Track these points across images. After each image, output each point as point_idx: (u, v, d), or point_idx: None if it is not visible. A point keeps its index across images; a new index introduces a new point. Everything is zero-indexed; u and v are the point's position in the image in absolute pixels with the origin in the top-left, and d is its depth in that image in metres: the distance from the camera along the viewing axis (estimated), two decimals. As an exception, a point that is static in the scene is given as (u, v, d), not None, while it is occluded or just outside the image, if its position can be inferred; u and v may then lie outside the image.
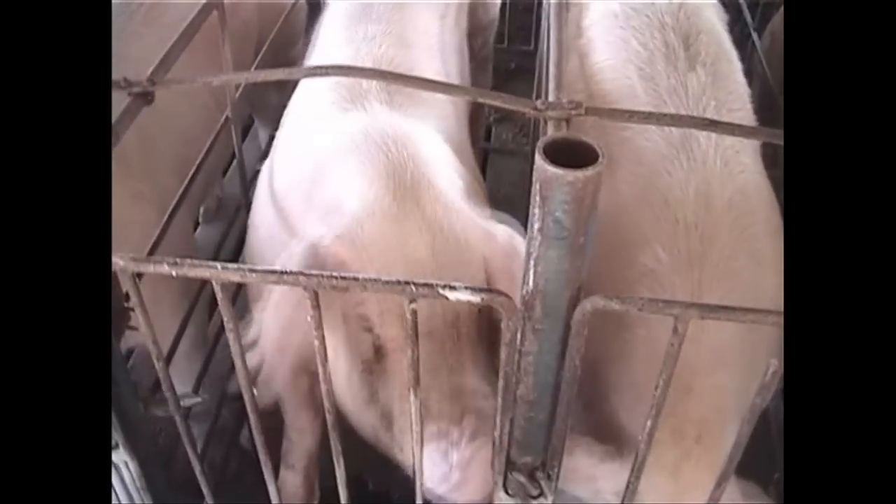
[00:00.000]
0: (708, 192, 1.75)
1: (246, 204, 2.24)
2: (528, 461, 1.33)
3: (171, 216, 1.81)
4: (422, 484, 1.42)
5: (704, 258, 1.66)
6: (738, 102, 1.96)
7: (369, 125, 1.78)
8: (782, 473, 2.35)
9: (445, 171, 1.76)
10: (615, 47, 2.13)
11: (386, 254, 1.56)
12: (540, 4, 3.59)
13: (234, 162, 2.53)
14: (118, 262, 1.17)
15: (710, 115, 1.87)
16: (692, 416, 1.51)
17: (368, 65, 1.98)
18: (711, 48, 2.06)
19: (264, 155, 2.71)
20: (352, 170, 1.69)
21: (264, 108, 3.18)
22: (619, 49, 2.11)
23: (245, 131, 3.68)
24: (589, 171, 0.96)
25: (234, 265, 1.15)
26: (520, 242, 1.58)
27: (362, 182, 1.65)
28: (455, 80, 2.37)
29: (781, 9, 2.86)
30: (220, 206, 3.49)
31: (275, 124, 2.16)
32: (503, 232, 1.64)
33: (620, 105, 1.98)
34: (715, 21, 2.22)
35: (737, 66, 2.12)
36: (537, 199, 1.00)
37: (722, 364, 1.57)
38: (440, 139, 1.90)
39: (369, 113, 1.84)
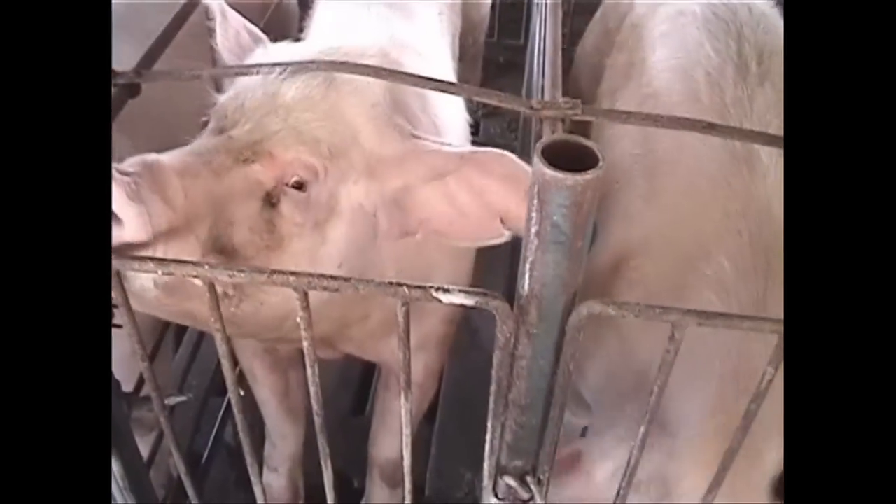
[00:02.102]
0: (769, 207, 1.73)
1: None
2: (519, 465, 1.31)
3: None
4: (411, 479, 1.40)
5: (769, 270, 1.65)
6: None
7: None
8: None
9: None
10: (688, 47, 2.11)
11: None
12: (530, -1, 3.57)
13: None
14: (103, 259, 1.15)
15: (772, 132, 1.80)
16: None
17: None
18: (781, 70, 2.02)
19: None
20: None
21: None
22: (692, 50, 2.09)
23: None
24: (589, 175, 0.94)
25: (223, 264, 1.12)
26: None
27: None
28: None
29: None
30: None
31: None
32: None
33: (682, 106, 1.97)
34: None
35: None
36: (535, 202, 0.98)
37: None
38: None
39: None
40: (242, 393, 1.31)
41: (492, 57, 4.10)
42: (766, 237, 1.69)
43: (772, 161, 1.81)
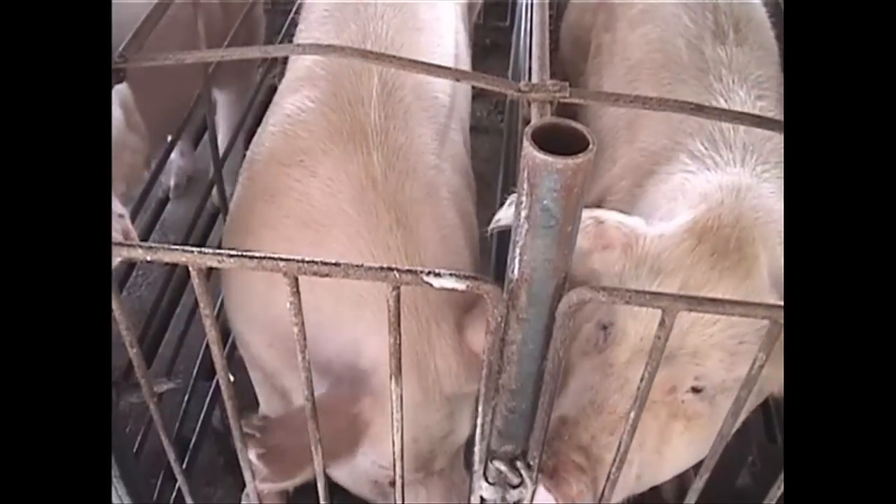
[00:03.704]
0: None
1: (218, 180, 2.20)
2: (509, 450, 1.31)
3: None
4: (402, 479, 1.41)
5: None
6: (770, 91, 1.98)
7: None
8: (757, 457, 2.37)
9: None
10: (667, 21, 2.17)
11: None
12: (517, -20, 3.55)
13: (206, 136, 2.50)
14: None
15: (745, 89, 1.91)
16: None
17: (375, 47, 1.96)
18: (759, 37, 2.09)
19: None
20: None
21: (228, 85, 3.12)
22: (671, 23, 2.15)
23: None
24: (579, 159, 0.93)
25: (211, 250, 1.11)
26: None
27: None
28: (464, 61, 2.34)
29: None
30: (192, 182, 3.44)
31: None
32: None
33: (665, 69, 2.04)
34: (763, 15, 2.25)
35: (776, 59, 2.14)
36: (525, 186, 0.97)
37: None
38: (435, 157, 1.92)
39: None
40: (232, 378, 1.30)
41: (477, 39, 4.07)
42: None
43: (749, 97, 1.90)
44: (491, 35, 4.30)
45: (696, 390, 1.51)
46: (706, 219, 1.53)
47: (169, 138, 2.34)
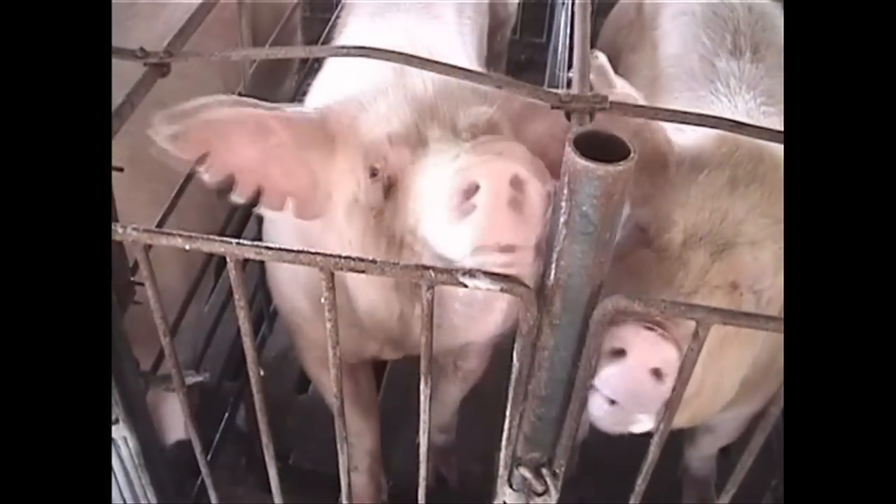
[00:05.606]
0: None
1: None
2: (535, 457, 1.31)
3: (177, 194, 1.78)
4: (427, 474, 1.40)
5: None
6: (780, 105, 1.96)
7: None
8: (780, 480, 2.35)
9: None
10: (686, 41, 2.22)
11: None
12: (555, -4, 3.56)
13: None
14: (130, 233, 1.15)
15: (752, 95, 1.92)
16: None
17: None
18: (778, 60, 2.09)
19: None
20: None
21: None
22: (690, 44, 2.20)
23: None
24: (620, 166, 0.94)
25: (249, 242, 1.12)
26: None
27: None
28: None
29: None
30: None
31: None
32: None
33: (678, 80, 2.08)
34: None
35: None
36: (565, 191, 0.98)
37: None
38: None
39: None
40: (262, 372, 1.31)
41: (513, 54, 4.08)
42: None
43: (754, 103, 1.91)
44: (527, 51, 4.31)
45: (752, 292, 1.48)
46: (732, 137, 1.54)
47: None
